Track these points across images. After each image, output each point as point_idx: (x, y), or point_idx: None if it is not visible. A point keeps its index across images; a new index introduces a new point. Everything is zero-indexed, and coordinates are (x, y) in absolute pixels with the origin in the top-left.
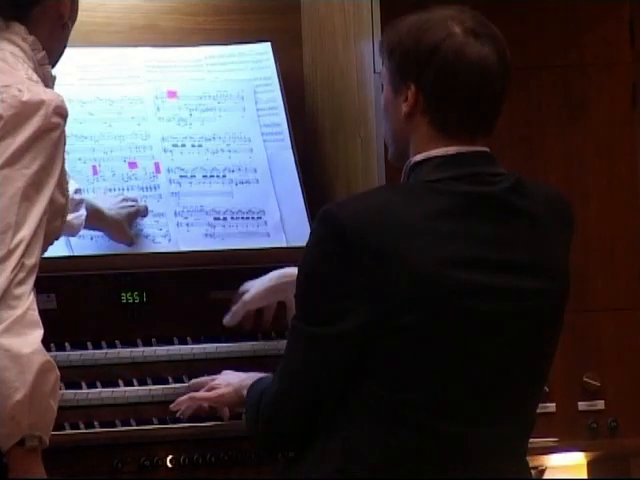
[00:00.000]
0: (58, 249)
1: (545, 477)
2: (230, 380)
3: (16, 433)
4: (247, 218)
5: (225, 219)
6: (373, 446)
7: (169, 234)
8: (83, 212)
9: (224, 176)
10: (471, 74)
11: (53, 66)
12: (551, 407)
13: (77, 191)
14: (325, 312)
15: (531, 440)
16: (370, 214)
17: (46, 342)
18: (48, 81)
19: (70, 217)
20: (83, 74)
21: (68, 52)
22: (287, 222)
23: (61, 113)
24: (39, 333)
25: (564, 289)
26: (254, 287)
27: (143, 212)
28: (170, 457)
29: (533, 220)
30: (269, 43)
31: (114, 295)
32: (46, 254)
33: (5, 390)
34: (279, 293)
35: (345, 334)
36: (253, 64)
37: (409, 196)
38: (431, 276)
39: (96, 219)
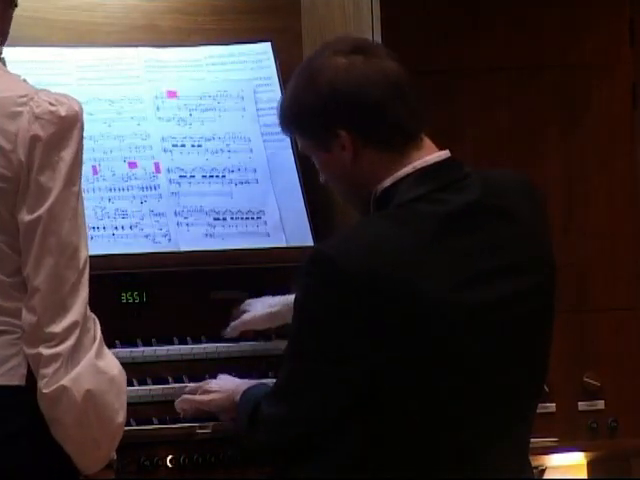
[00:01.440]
0: None
1: (545, 477)
2: (224, 385)
3: (110, 455)
4: (247, 218)
5: (225, 219)
6: (374, 463)
7: (169, 234)
8: None
9: (224, 176)
10: (377, 85)
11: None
12: (551, 407)
13: None
14: (330, 356)
15: (531, 440)
16: (368, 256)
17: None
18: None
19: None
20: (82, 74)
21: (68, 52)
22: (287, 222)
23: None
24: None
25: (554, 274)
26: (256, 309)
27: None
28: (170, 457)
29: (516, 215)
30: (269, 43)
31: (114, 295)
32: None
33: (108, 413)
34: (279, 319)
35: (350, 377)
36: (253, 64)
37: (398, 226)
38: (433, 304)
39: None
